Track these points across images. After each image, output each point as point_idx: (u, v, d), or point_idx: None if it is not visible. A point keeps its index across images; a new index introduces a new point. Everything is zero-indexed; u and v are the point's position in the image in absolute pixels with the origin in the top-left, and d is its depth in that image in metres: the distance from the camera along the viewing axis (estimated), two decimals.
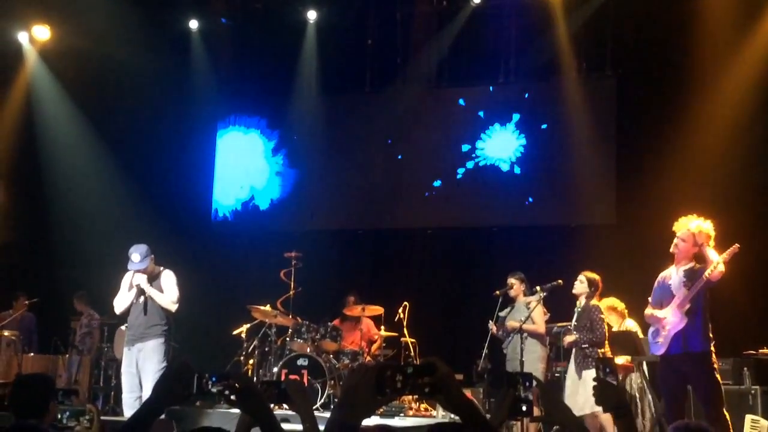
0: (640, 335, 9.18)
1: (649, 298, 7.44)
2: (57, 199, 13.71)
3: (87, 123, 13.79)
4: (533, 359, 8.80)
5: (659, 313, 7.27)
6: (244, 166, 14.28)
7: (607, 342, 8.32)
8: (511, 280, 9.16)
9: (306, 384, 10.03)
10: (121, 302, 8.17)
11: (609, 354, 8.25)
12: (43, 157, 13.83)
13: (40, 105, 13.85)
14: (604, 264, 9.58)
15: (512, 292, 9.14)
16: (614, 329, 9.26)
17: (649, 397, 9.07)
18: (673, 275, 7.29)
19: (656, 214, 11.22)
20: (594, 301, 8.38)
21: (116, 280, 8.55)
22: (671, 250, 7.31)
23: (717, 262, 6.98)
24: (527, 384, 2.99)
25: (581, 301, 8.41)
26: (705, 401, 7.08)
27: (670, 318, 7.13)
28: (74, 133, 13.84)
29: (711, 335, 7.13)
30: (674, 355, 7.08)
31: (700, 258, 7.21)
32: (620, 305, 9.41)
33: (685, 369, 7.05)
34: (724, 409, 7.03)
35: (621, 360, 9.01)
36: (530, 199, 12.70)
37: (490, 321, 9.04)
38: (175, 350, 8.61)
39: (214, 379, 2.93)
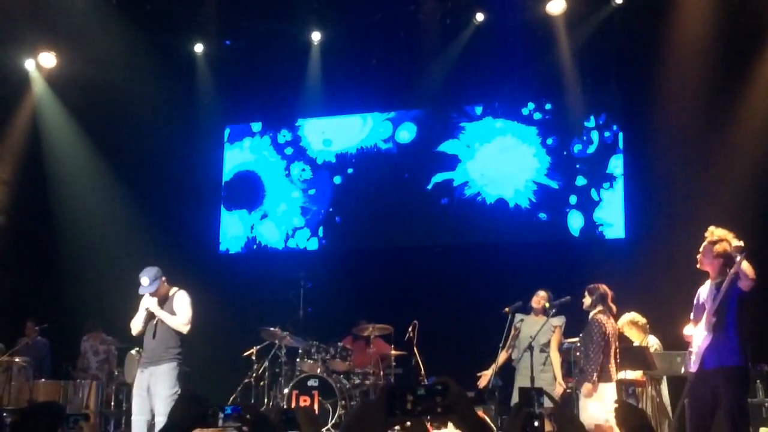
0: (659, 351, 9.12)
1: (691, 315, 7.27)
2: (64, 224, 13.73)
3: (93, 148, 13.83)
4: (551, 379, 8.76)
5: (687, 330, 7.16)
6: (251, 188, 14.27)
7: (601, 359, 8.08)
8: (541, 293, 9.08)
9: (317, 405, 9.99)
10: (136, 324, 8.13)
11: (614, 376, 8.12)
12: (50, 182, 13.88)
13: (47, 131, 13.88)
14: (614, 278, 9.52)
15: (539, 305, 9.05)
16: (636, 344, 9.20)
17: (668, 412, 9.01)
18: (705, 290, 7.08)
19: (666, 228, 11.23)
20: (598, 315, 8.18)
21: (125, 303, 8.53)
22: (698, 265, 7.12)
23: (733, 271, 6.66)
24: (540, 400, 2.97)
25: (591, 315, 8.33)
26: (727, 418, 6.74)
27: (697, 334, 6.97)
28: (81, 159, 13.87)
29: (746, 349, 6.80)
30: (708, 370, 6.81)
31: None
32: (641, 320, 9.33)
33: (717, 384, 6.75)
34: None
35: (633, 375, 8.95)
36: (540, 215, 12.66)
37: (506, 308, 8.90)
38: (187, 374, 8.55)
39: (227, 410, 2.90)
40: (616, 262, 11.40)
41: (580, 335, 8.32)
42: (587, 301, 8.27)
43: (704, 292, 7.08)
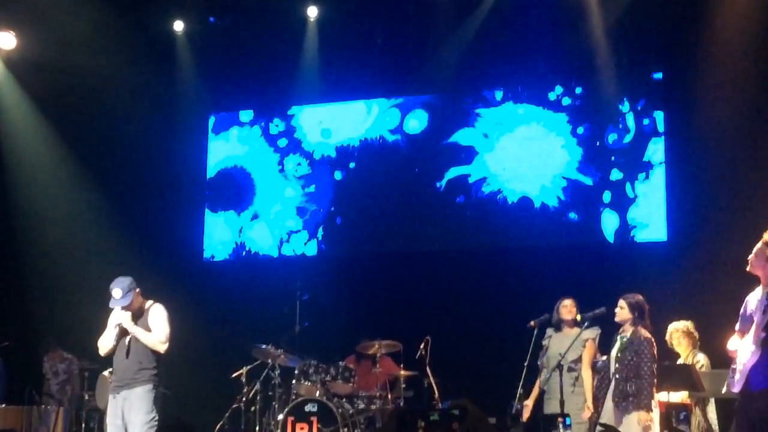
0: (706, 369, 9.09)
1: (736, 326, 7.25)
2: (26, 227, 13.76)
3: (59, 141, 13.88)
4: (583, 403, 8.73)
5: (732, 344, 7.07)
6: (239, 185, 14.28)
7: (655, 382, 8.05)
8: (566, 301, 9.11)
9: None
10: (105, 343, 8.12)
11: (654, 399, 8.08)
12: (10, 179, 13.91)
13: (6, 121, 13.90)
14: (655, 285, 9.50)
15: (569, 316, 9.06)
16: (681, 359, 9.18)
17: None
18: (755, 298, 6.93)
19: (713, 229, 11.18)
20: (645, 332, 8.12)
21: (95, 318, 8.51)
22: (748, 268, 7.08)
23: None
24: (567, 424, 2.97)
25: (627, 330, 8.26)
26: None
27: (743, 350, 6.92)
28: (45, 153, 13.91)
29: None
30: (754, 392, 6.71)
31: None
32: (695, 333, 9.30)
33: (764, 408, 6.66)
34: None
35: (677, 397, 8.93)
36: (570, 215, 12.63)
37: (532, 322, 8.90)
38: (167, 398, 8.55)
39: None
40: (656, 268, 11.38)
41: (618, 354, 8.25)
42: (625, 313, 8.20)
43: (753, 300, 7.03)
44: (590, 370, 8.89)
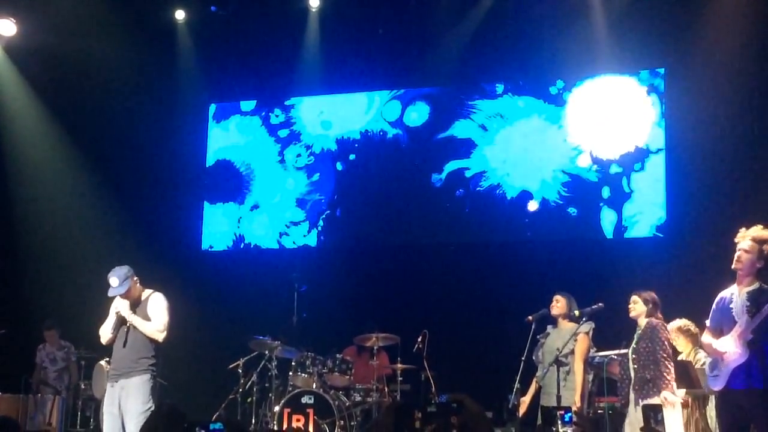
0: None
1: (707, 322, 7.28)
2: (24, 216, 13.78)
3: (58, 129, 13.88)
4: (571, 397, 8.78)
5: (718, 345, 7.12)
6: (239, 176, 14.29)
7: (671, 365, 8.22)
8: (558, 296, 9.17)
9: (312, 425, 10.03)
10: (105, 331, 8.15)
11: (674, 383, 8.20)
12: (8, 167, 13.92)
13: (5, 109, 13.91)
14: (651, 281, 9.52)
15: (555, 311, 9.14)
16: (681, 356, 9.21)
17: None
18: (735, 297, 7.05)
19: (709, 226, 11.19)
20: (656, 320, 8.33)
21: (93, 307, 8.55)
22: (733, 266, 7.12)
23: None
24: (566, 420, 3.02)
25: (641, 323, 8.39)
26: None
27: (731, 350, 6.97)
28: (44, 141, 13.92)
29: None
30: (735, 390, 6.88)
31: (765, 276, 7.00)
32: (693, 328, 9.31)
33: (746, 407, 6.83)
34: None
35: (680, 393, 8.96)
36: (569, 210, 12.65)
37: (529, 317, 8.96)
38: (163, 388, 8.57)
39: (212, 427, 2.96)
40: (654, 264, 11.40)
41: (633, 345, 8.35)
42: (639, 307, 8.39)
43: (731, 299, 7.04)
44: (582, 363, 8.95)
